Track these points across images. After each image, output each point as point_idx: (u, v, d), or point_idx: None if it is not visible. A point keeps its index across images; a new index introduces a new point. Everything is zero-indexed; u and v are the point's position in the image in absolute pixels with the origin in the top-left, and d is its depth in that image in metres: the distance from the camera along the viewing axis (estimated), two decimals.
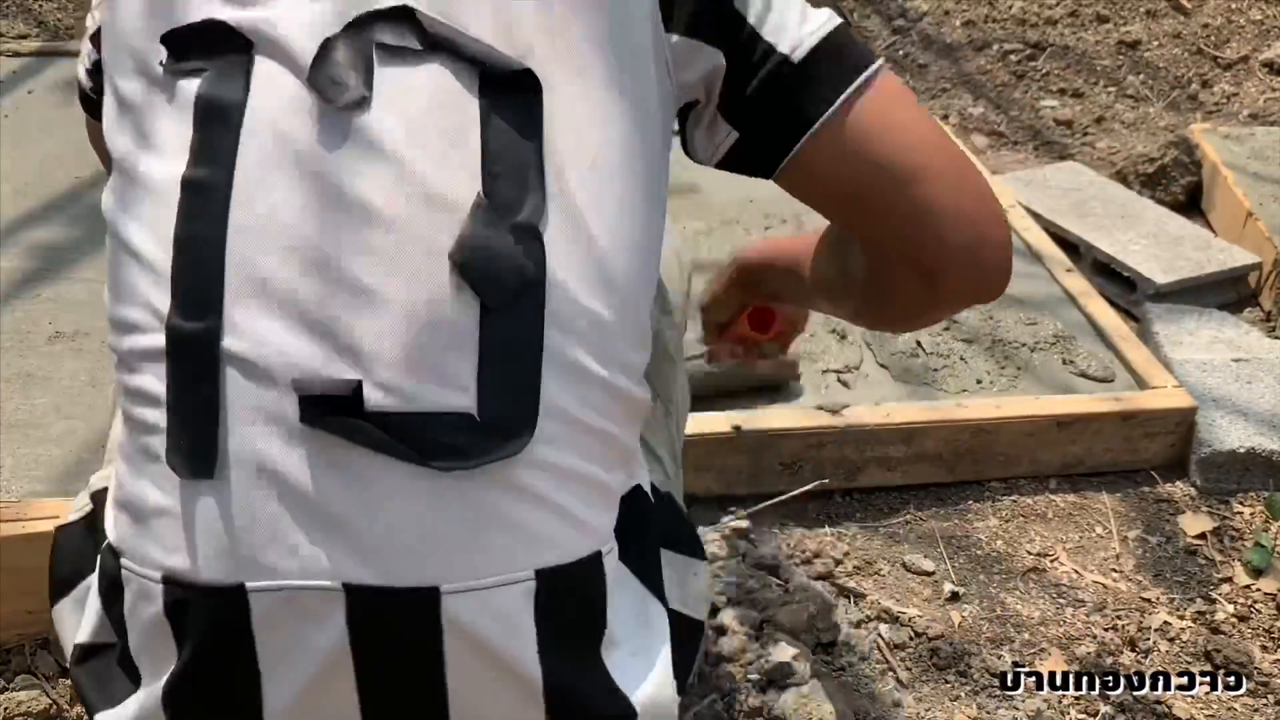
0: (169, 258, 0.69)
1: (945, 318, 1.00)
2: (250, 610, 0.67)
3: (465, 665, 0.69)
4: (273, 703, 0.69)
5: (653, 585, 0.78)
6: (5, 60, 2.22)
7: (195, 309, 0.68)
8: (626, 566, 0.75)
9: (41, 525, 1.13)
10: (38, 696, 1.13)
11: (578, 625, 0.72)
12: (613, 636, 0.73)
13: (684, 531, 0.86)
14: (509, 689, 0.70)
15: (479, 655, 0.69)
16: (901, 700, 1.21)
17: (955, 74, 2.89)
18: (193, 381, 0.68)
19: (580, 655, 0.72)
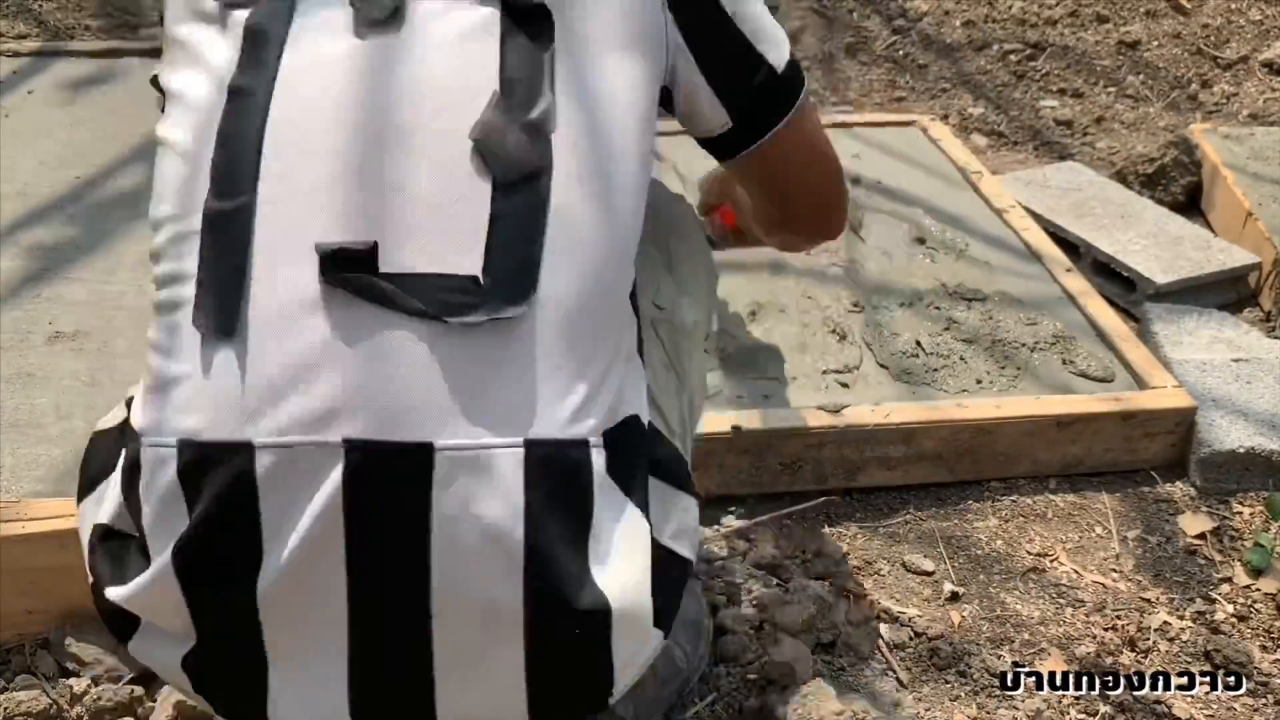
0: (210, 153, 0.78)
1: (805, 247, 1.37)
2: (256, 466, 0.72)
3: (450, 531, 0.73)
4: (269, 568, 0.73)
5: (639, 502, 0.82)
6: (5, 60, 2.22)
7: (230, 190, 0.76)
8: (614, 480, 0.79)
9: (41, 525, 1.13)
10: (38, 696, 1.13)
11: (564, 506, 0.76)
12: (597, 535, 0.77)
13: (680, 472, 0.92)
14: (491, 558, 0.74)
15: (465, 518, 0.73)
16: (901, 700, 1.21)
17: (955, 74, 2.89)
18: (224, 253, 0.75)
19: (564, 536, 0.75)
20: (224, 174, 0.77)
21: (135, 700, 1.14)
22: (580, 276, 0.78)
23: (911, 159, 2.22)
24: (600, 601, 0.76)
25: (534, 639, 0.76)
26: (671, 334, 1.02)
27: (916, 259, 1.88)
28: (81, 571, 1.15)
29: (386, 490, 0.72)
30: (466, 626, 0.75)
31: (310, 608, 0.74)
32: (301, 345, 0.72)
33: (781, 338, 1.66)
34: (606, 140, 0.81)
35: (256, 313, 0.73)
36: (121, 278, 1.57)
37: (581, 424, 0.76)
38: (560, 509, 0.75)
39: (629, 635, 0.79)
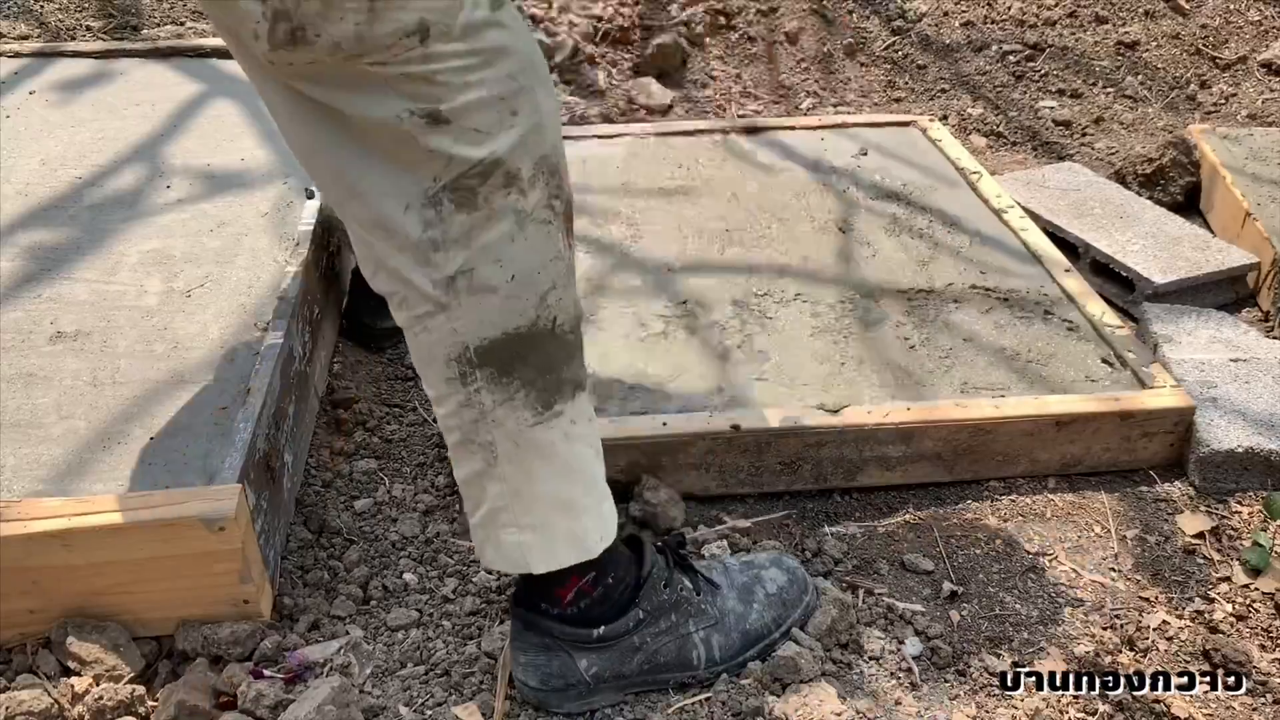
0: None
1: None
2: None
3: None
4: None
5: None
6: (6, 60, 2.22)
7: None
8: None
9: (43, 525, 1.14)
10: (39, 696, 1.13)
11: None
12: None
13: None
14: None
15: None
16: (901, 699, 1.21)
17: (954, 75, 2.90)
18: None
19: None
20: None
21: (136, 699, 1.15)
22: None
23: (910, 159, 2.22)
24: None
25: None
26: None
27: (915, 259, 1.88)
28: (82, 571, 1.15)
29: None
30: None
31: None
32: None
33: (778, 337, 1.67)
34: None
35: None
36: (122, 278, 1.57)
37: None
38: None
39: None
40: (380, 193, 0.95)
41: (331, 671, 1.20)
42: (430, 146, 0.92)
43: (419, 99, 0.90)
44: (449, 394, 1.03)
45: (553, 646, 1.15)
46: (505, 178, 0.95)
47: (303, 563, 1.35)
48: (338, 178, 0.97)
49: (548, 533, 1.08)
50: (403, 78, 0.89)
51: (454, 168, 0.93)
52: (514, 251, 0.97)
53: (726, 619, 1.21)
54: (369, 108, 0.90)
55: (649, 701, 1.19)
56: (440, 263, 0.96)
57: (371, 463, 1.54)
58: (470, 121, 0.92)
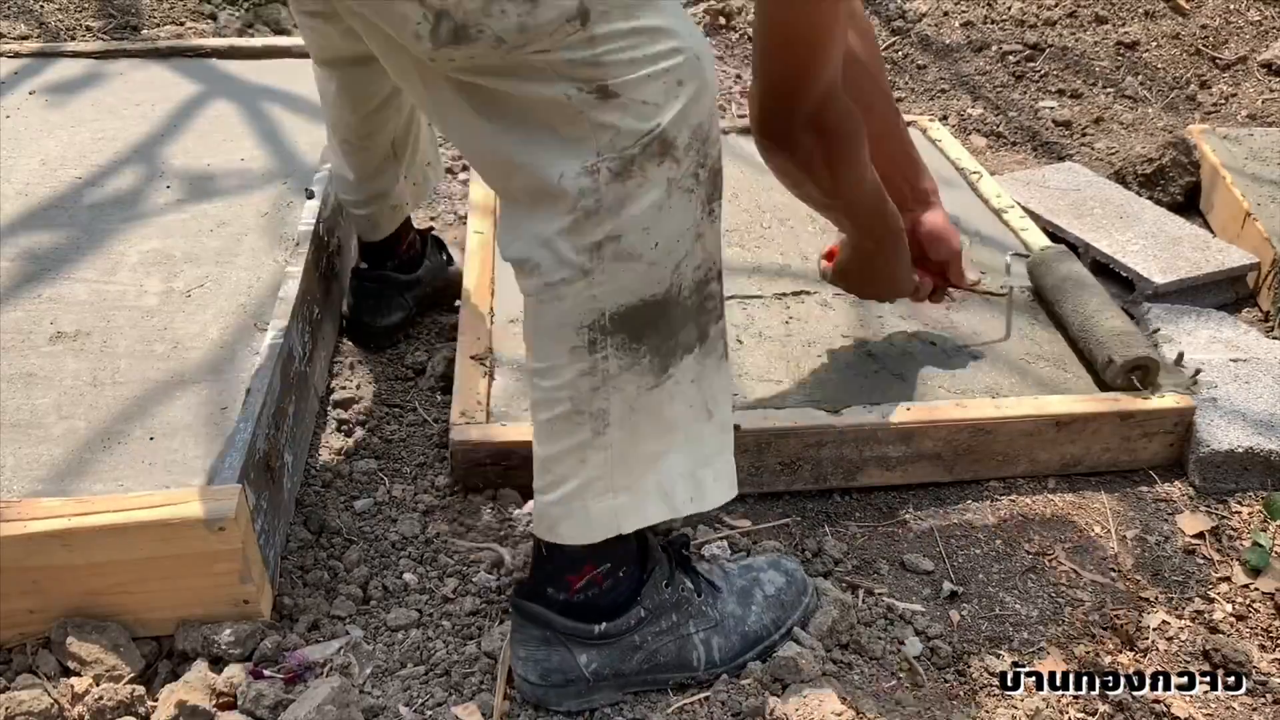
0: None
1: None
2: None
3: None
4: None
5: None
6: (6, 61, 2.22)
7: None
8: None
9: (43, 525, 1.14)
10: (39, 696, 1.13)
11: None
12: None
13: None
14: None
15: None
16: (901, 699, 1.21)
17: (954, 75, 2.90)
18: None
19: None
20: None
21: (136, 699, 1.15)
22: None
23: None
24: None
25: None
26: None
27: None
28: (82, 571, 1.15)
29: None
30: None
31: None
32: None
33: (778, 337, 1.67)
34: None
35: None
36: (122, 278, 1.57)
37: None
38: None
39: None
40: (542, 164, 0.96)
41: (331, 671, 1.20)
42: (599, 120, 0.94)
43: (587, 78, 0.92)
44: (569, 363, 1.04)
45: (553, 640, 1.15)
46: (662, 147, 0.96)
47: (303, 563, 1.35)
48: (497, 159, 1.00)
49: (638, 491, 1.09)
50: (568, 63, 0.91)
51: (620, 140, 0.95)
52: (661, 220, 0.99)
53: (726, 621, 1.21)
54: (538, 90, 0.93)
55: (649, 701, 1.19)
56: (590, 229, 0.98)
57: (371, 463, 1.54)
58: (639, 94, 0.94)
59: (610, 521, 1.10)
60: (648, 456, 1.09)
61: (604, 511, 1.09)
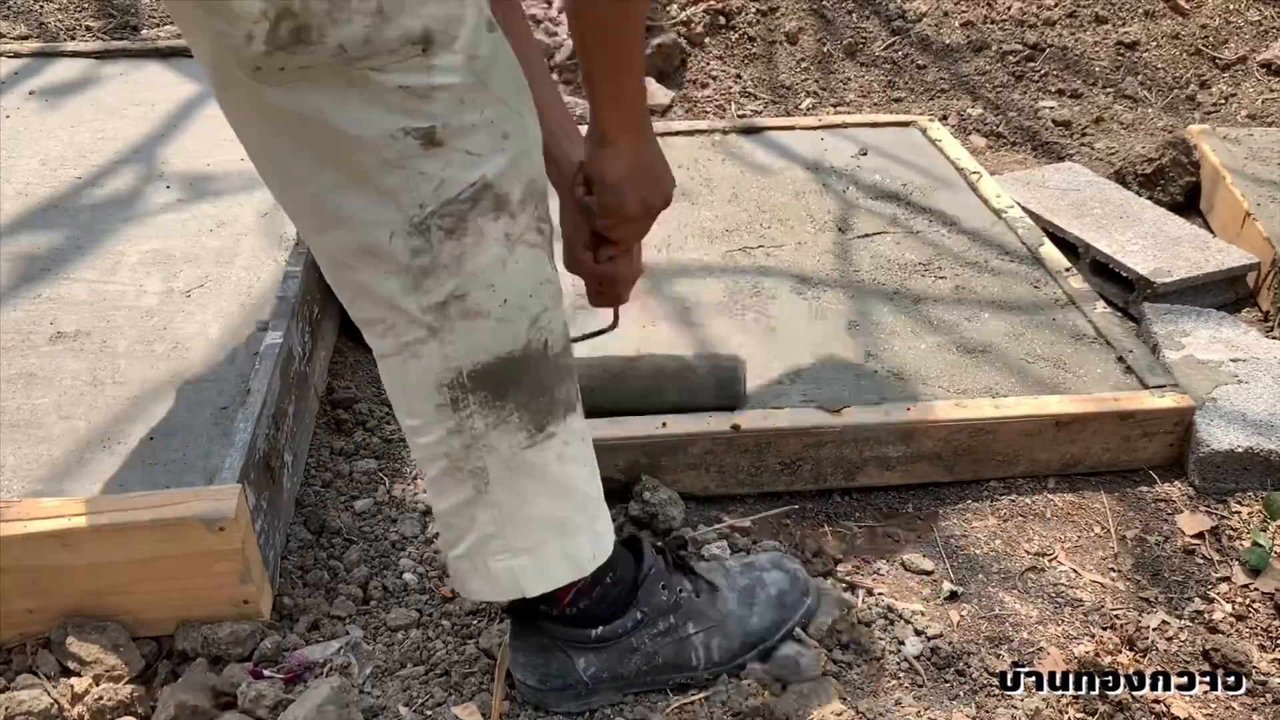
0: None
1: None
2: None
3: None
4: None
5: None
6: (5, 61, 2.22)
7: None
8: None
9: (43, 525, 1.14)
10: (39, 696, 1.13)
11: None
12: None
13: None
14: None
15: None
16: (901, 699, 1.21)
17: (954, 75, 2.90)
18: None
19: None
20: None
21: (136, 699, 1.15)
22: None
23: (910, 160, 2.22)
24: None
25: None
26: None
27: (915, 260, 1.88)
28: (82, 571, 1.15)
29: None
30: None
31: None
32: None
33: (778, 337, 1.67)
34: None
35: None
36: (121, 278, 1.57)
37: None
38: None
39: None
40: (364, 220, 0.93)
41: (331, 671, 1.20)
42: (421, 170, 0.90)
43: (414, 115, 0.88)
44: (437, 421, 1.02)
45: (550, 647, 1.15)
46: (495, 201, 0.94)
47: (303, 563, 1.35)
48: (317, 206, 0.94)
49: (541, 554, 1.07)
50: (401, 90, 0.87)
51: (443, 192, 0.91)
52: (505, 276, 0.96)
53: (727, 621, 1.21)
54: (362, 122, 0.88)
55: (648, 702, 1.19)
56: (431, 288, 0.95)
57: (371, 463, 1.54)
58: (464, 143, 0.91)
59: (511, 583, 1.08)
60: (545, 520, 1.06)
61: (503, 572, 1.07)
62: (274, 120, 0.91)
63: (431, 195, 0.91)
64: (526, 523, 1.06)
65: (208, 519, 1.15)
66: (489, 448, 1.02)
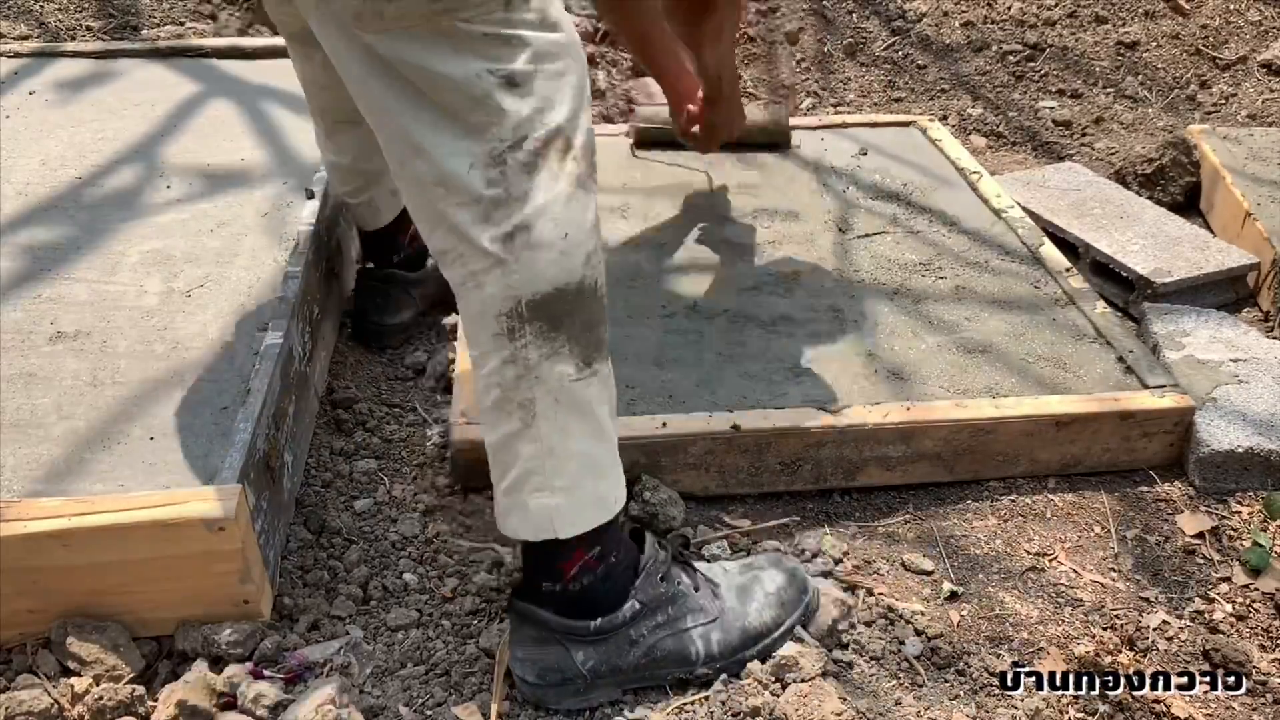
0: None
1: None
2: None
3: None
4: None
5: None
6: (6, 61, 2.22)
7: None
8: None
9: (43, 525, 1.14)
10: (39, 695, 1.13)
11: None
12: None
13: None
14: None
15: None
16: (901, 699, 1.21)
17: (954, 75, 2.90)
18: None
19: None
20: None
21: (136, 699, 1.15)
22: None
23: (910, 159, 2.22)
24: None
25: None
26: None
27: (915, 259, 1.88)
28: (82, 571, 1.15)
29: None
30: None
31: None
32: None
33: (778, 337, 1.67)
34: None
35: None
36: (122, 278, 1.57)
37: None
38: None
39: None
40: (447, 151, 1.01)
41: (331, 671, 1.20)
42: (504, 106, 0.99)
43: (498, 60, 0.98)
44: (494, 350, 1.07)
45: (548, 639, 1.15)
46: (565, 143, 1.03)
47: (303, 563, 1.35)
48: (405, 136, 1.02)
49: (576, 495, 1.11)
50: (485, 38, 0.97)
51: (521, 129, 1.00)
52: (568, 212, 1.04)
53: (725, 615, 1.21)
54: (451, 66, 0.97)
55: (648, 700, 1.19)
56: (501, 219, 1.02)
57: (371, 463, 1.54)
58: (541, 89, 1.01)
59: (545, 523, 1.12)
60: (581, 458, 1.11)
61: (540, 510, 1.11)
62: (372, 61, 1.00)
63: (511, 132, 1.00)
64: (566, 459, 1.10)
65: (208, 519, 1.15)
66: (539, 379, 1.07)
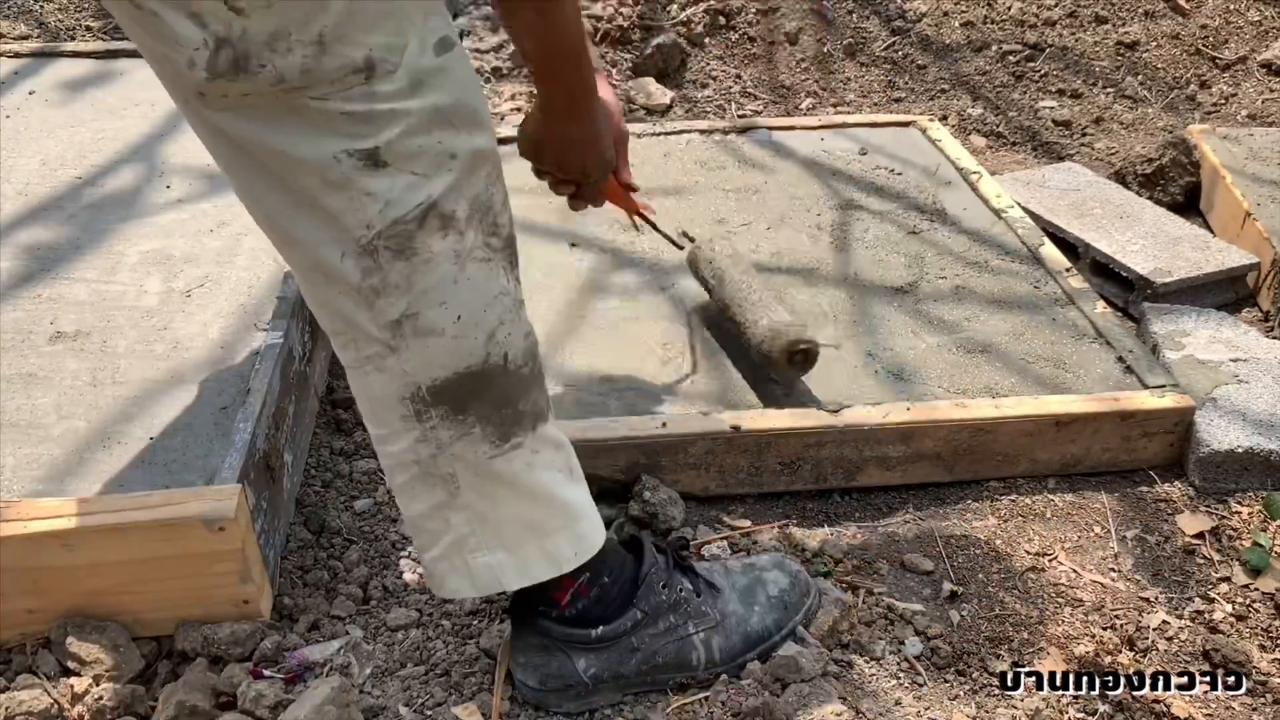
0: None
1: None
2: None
3: None
4: None
5: None
6: (5, 61, 2.22)
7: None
8: None
9: (42, 525, 1.14)
10: (39, 696, 1.13)
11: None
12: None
13: None
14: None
15: None
16: (901, 699, 1.21)
17: (954, 75, 2.90)
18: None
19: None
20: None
21: (136, 699, 1.15)
22: None
23: (910, 159, 2.22)
24: None
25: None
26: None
27: (914, 259, 1.88)
28: (82, 571, 1.15)
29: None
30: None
31: None
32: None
33: None
34: None
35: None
36: (122, 278, 1.57)
37: None
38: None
39: None
40: (315, 240, 0.94)
41: (331, 671, 1.20)
42: (367, 190, 0.90)
43: (358, 138, 0.88)
44: (403, 430, 1.03)
45: (551, 647, 1.15)
46: (441, 220, 0.94)
47: (303, 563, 1.35)
48: (273, 224, 0.96)
49: (519, 552, 1.08)
50: (342, 115, 0.88)
51: (390, 212, 0.92)
52: (457, 292, 0.97)
53: (727, 621, 1.21)
54: (305, 146, 0.88)
55: (648, 701, 1.19)
56: (384, 308, 0.96)
57: (371, 463, 1.54)
58: (408, 164, 0.91)
59: (492, 579, 1.09)
60: (521, 522, 1.07)
61: (484, 568, 1.08)
62: (224, 142, 0.92)
63: (378, 216, 0.92)
64: (501, 524, 1.07)
65: (208, 519, 1.15)
66: (456, 456, 1.03)
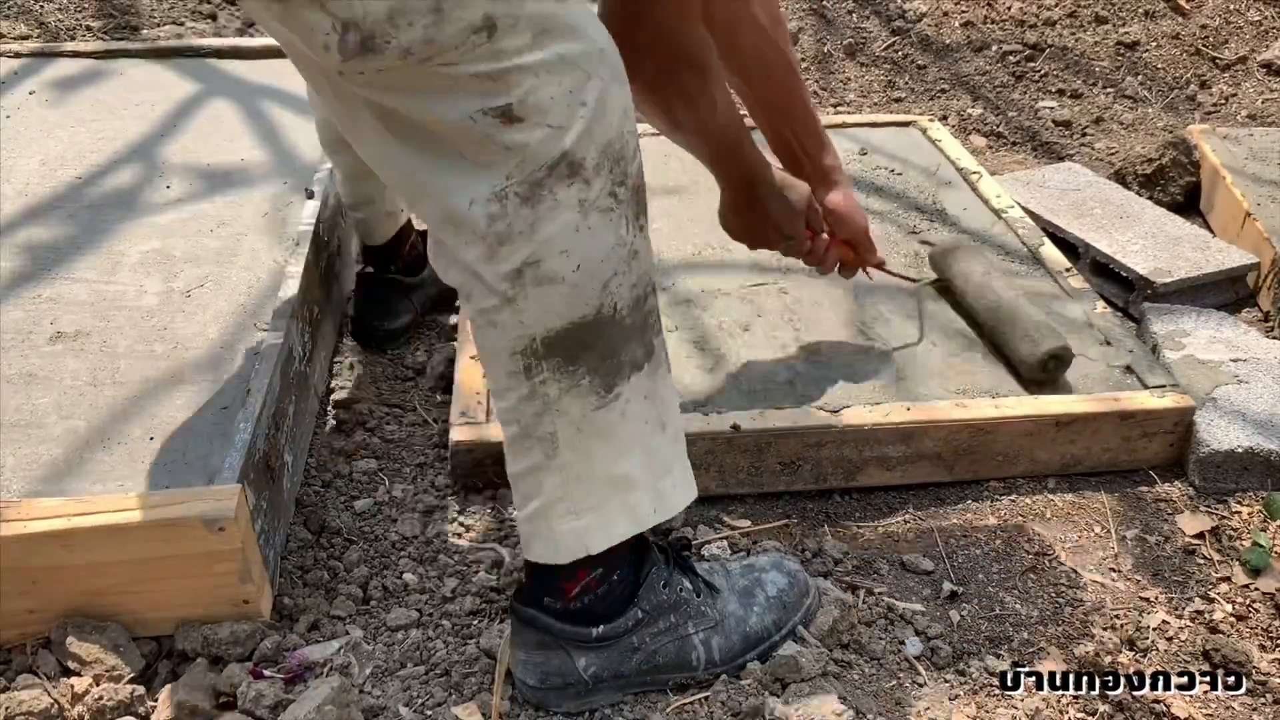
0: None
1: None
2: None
3: None
4: None
5: None
6: (5, 60, 2.22)
7: None
8: None
9: (42, 525, 1.14)
10: (39, 695, 1.13)
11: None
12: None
13: None
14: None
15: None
16: (901, 700, 1.21)
17: (954, 75, 2.90)
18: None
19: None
20: None
21: (136, 699, 1.15)
22: None
23: (910, 160, 2.22)
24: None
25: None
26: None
27: (914, 260, 1.88)
28: (82, 571, 1.15)
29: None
30: None
31: None
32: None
33: (778, 337, 1.67)
34: None
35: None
36: (122, 278, 1.57)
37: None
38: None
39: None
40: (450, 191, 0.96)
41: (331, 671, 1.20)
42: (507, 144, 0.93)
43: (490, 95, 0.91)
44: (511, 388, 1.05)
45: (551, 645, 1.15)
46: (569, 169, 0.96)
47: (303, 563, 1.35)
48: (408, 181, 0.99)
49: (603, 511, 1.09)
50: (473, 77, 0.90)
51: (528, 163, 0.94)
52: (578, 241, 0.98)
53: (727, 621, 1.21)
54: (443, 109, 0.92)
55: (648, 701, 1.19)
56: (507, 255, 0.98)
57: (371, 463, 1.54)
58: (544, 117, 0.93)
59: (576, 543, 1.10)
60: (608, 478, 1.09)
61: (568, 534, 1.09)
62: (366, 114, 0.96)
63: (516, 167, 0.95)
64: (592, 483, 1.08)
65: (208, 519, 1.15)
66: (560, 412, 1.04)
